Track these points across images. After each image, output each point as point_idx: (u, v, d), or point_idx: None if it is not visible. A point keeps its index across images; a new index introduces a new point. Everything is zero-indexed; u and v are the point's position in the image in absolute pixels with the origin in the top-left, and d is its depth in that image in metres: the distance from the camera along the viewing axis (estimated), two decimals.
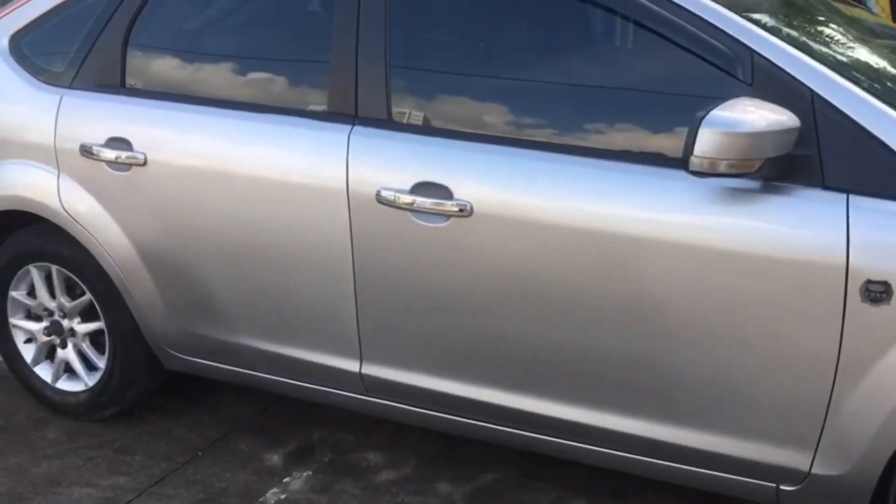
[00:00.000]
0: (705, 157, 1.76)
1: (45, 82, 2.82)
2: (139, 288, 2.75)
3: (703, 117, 1.77)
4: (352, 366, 2.50)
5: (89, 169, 2.71)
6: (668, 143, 2.02)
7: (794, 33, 2.12)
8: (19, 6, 2.97)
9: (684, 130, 1.91)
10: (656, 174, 1.99)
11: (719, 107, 1.79)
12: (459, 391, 2.37)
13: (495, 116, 2.23)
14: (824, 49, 2.13)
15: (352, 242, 2.34)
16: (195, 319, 2.72)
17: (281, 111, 2.47)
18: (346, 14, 2.37)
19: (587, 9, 2.22)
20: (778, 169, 1.85)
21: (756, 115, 1.77)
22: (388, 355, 2.43)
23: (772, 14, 2.21)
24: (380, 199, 2.27)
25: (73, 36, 2.81)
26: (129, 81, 2.71)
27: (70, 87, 2.78)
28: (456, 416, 2.44)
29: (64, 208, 2.77)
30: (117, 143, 2.64)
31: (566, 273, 2.10)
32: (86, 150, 2.69)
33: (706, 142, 1.75)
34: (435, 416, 2.47)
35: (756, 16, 2.06)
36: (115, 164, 2.65)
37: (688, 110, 1.90)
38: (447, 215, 2.20)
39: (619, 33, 2.16)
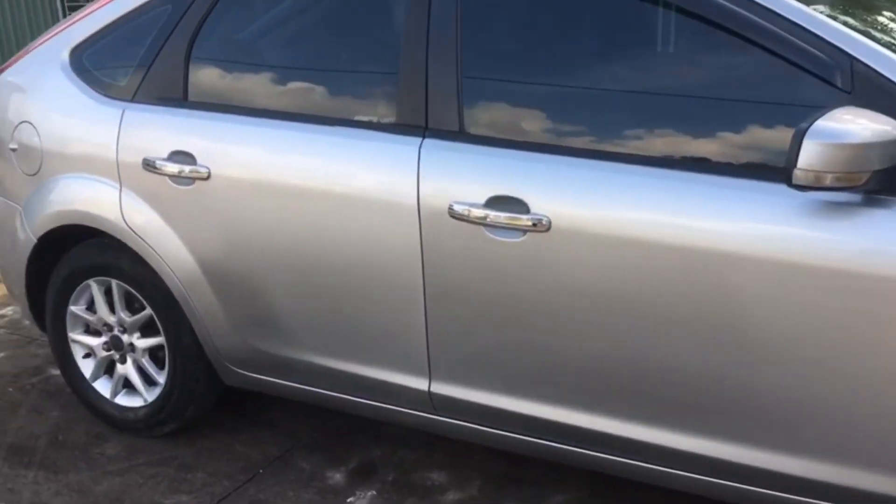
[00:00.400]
0: (810, 171, 1.67)
1: (107, 96, 2.80)
2: (201, 303, 2.71)
3: (805, 129, 1.68)
4: (420, 384, 2.43)
5: (152, 183, 2.67)
6: (761, 154, 1.93)
7: (888, 38, 2.03)
8: (78, 20, 2.95)
9: (778, 141, 1.82)
10: (750, 187, 1.90)
11: (822, 117, 1.70)
12: (533, 411, 2.29)
13: (574, 128, 2.16)
14: None
15: (422, 257, 2.28)
16: (257, 335, 2.67)
17: (348, 124, 2.41)
18: (416, 24, 2.31)
19: (674, 15, 2.14)
20: (880, 181, 1.75)
21: (861, 126, 1.68)
22: (459, 373, 2.37)
23: (859, 17, 2.12)
24: (452, 214, 2.20)
25: (134, 49, 2.78)
26: (192, 94, 2.68)
27: (132, 100, 2.74)
28: (528, 436, 2.36)
29: (126, 223, 2.74)
30: (180, 156, 2.61)
31: (651, 291, 2.01)
32: (148, 164, 2.65)
33: (811, 154, 1.67)
34: (505, 435, 2.40)
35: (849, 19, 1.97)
36: (178, 178, 2.61)
37: (783, 121, 1.82)
38: (523, 230, 2.13)
39: (709, 40, 2.07)
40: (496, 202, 2.16)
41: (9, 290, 3.35)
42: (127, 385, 3.08)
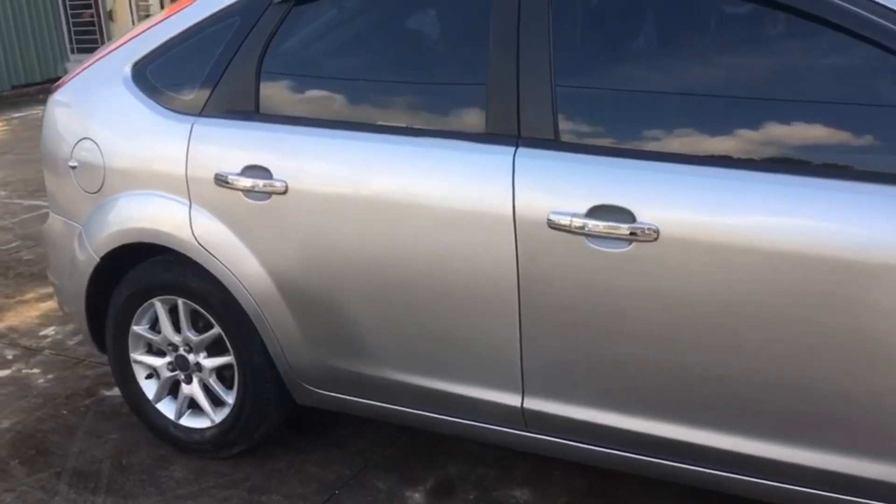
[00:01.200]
0: None
1: (174, 110, 2.73)
2: (276, 320, 2.64)
3: None
4: (512, 400, 2.37)
5: (224, 198, 2.61)
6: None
7: None
8: (138, 35, 2.89)
9: None
10: (883, 192, 1.84)
11: None
12: (633, 425, 2.23)
13: (678, 134, 2.10)
14: None
15: (517, 269, 2.22)
16: (336, 353, 2.61)
17: (434, 134, 2.35)
18: (505, 31, 2.25)
19: (784, 16, 2.07)
20: None
21: None
22: (554, 388, 2.30)
23: None
24: (551, 224, 2.14)
25: (201, 62, 2.72)
26: (265, 107, 2.62)
27: (200, 114, 2.68)
28: (624, 451, 2.29)
29: (196, 240, 2.67)
30: (255, 171, 2.54)
31: (769, 302, 1.95)
32: (221, 179, 2.59)
33: None
34: (600, 451, 2.33)
35: None
36: (252, 193, 2.55)
37: None
38: (629, 240, 2.06)
39: (833, 41, 2.01)
40: (598, 211, 2.09)
41: (64, 310, 3.28)
42: (192, 406, 3.01)
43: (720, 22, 2.16)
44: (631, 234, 2.05)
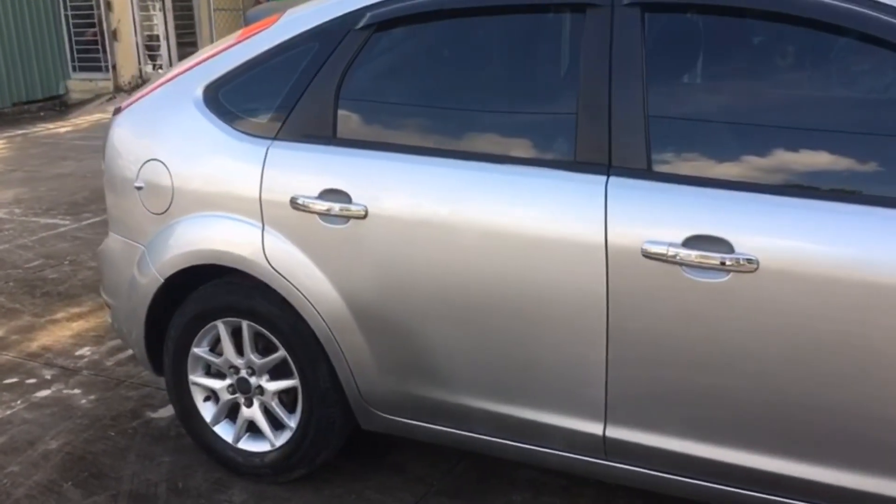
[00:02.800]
0: None
1: (247, 133, 2.74)
2: (348, 345, 2.64)
3: None
4: (594, 428, 2.37)
5: (299, 222, 2.61)
6: None
7: None
8: (210, 57, 2.90)
9: None
10: None
11: None
12: (721, 456, 2.24)
13: (777, 165, 2.12)
14: None
15: (607, 297, 2.23)
16: (410, 378, 2.60)
17: (520, 161, 2.37)
18: (596, 57, 2.27)
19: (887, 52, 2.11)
20: None
21: None
22: (639, 417, 2.31)
23: None
24: (646, 253, 2.16)
25: (276, 86, 2.73)
26: (343, 132, 2.62)
27: (276, 138, 2.69)
28: (707, 481, 2.30)
29: (269, 262, 2.67)
30: (334, 195, 2.55)
31: (870, 336, 1.97)
32: (297, 203, 2.59)
33: None
34: (682, 481, 2.33)
35: None
36: (330, 217, 2.55)
37: None
38: (727, 270, 2.08)
39: None
40: (695, 241, 2.11)
41: (119, 332, 3.27)
42: (250, 429, 2.99)
43: (821, 50, 2.19)
44: (730, 264, 2.07)
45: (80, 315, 4.68)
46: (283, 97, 2.71)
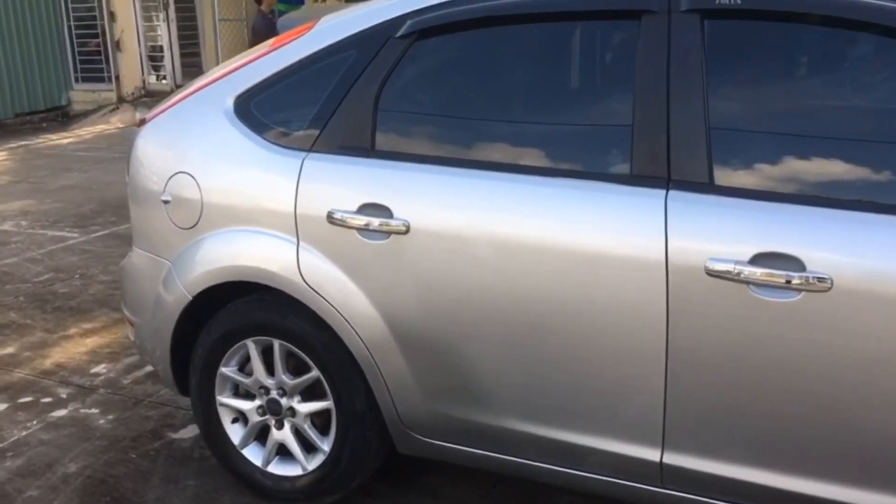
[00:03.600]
0: None
1: (281, 145, 2.64)
2: (387, 366, 2.53)
3: None
4: (650, 454, 2.26)
5: (337, 237, 2.51)
6: None
7: None
8: (240, 66, 2.80)
9: None
10: None
11: None
12: (788, 485, 2.13)
13: (849, 179, 2.02)
14: None
15: (667, 316, 2.13)
16: (453, 401, 2.49)
17: (573, 175, 2.27)
18: (653, 68, 2.18)
19: None
20: None
21: None
22: (699, 443, 2.20)
23: None
24: (710, 271, 2.05)
25: (311, 97, 2.63)
26: (382, 144, 2.52)
27: (311, 150, 2.58)
28: None
29: (304, 279, 2.56)
30: (374, 209, 2.45)
31: None
32: (334, 218, 2.49)
33: None
34: None
35: None
36: (369, 233, 2.45)
37: None
38: (798, 289, 1.98)
39: None
40: (763, 259, 2.01)
41: (142, 350, 3.16)
42: (280, 452, 2.88)
43: (893, 58, 2.09)
44: (801, 283, 1.97)
45: (93, 331, 4.57)
46: (318, 108, 2.61)
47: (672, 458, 2.24)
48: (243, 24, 14.88)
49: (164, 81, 14.08)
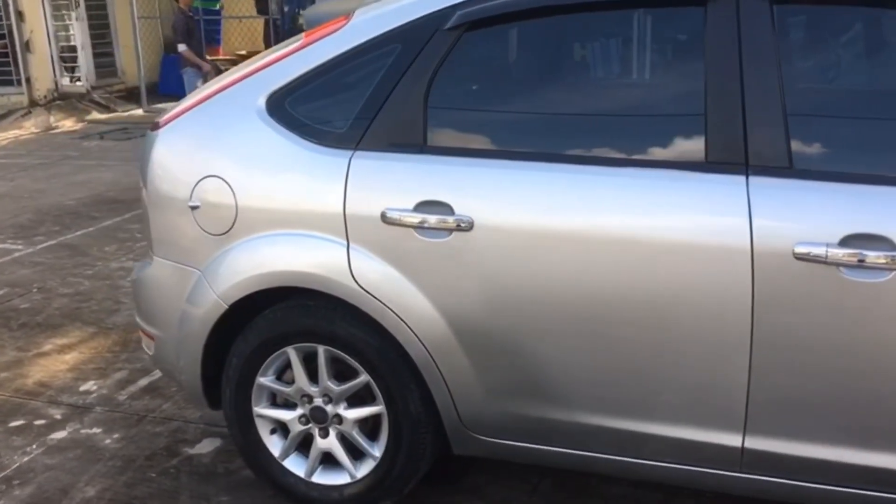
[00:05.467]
0: None
1: (323, 144, 2.54)
2: (449, 367, 2.47)
3: None
4: (731, 440, 2.27)
5: (392, 237, 2.43)
6: None
7: None
8: (270, 63, 2.69)
9: None
10: None
11: None
12: (876, 462, 2.15)
13: None
14: None
15: (753, 303, 2.13)
16: (520, 399, 2.45)
17: (642, 164, 2.26)
18: (723, 51, 2.17)
19: None
20: None
21: None
22: (782, 426, 2.22)
23: None
24: (798, 255, 2.07)
25: (354, 92, 2.55)
26: (434, 140, 2.46)
27: (357, 148, 2.50)
28: (858, 488, 2.22)
29: (357, 282, 2.48)
30: (433, 206, 2.38)
31: None
32: (389, 217, 2.41)
33: None
34: (828, 490, 2.25)
35: None
36: (429, 231, 2.38)
37: None
38: (890, 269, 2.01)
39: None
40: (852, 241, 2.03)
41: (161, 364, 3.01)
42: (323, 461, 2.79)
43: None
44: (892, 262, 1.99)
45: (70, 346, 4.35)
46: (362, 104, 2.52)
47: (754, 443, 2.25)
48: (158, 21, 14.45)
49: (78, 83, 13.55)
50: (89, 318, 4.71)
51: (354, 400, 2.69)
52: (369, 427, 2.71)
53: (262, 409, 2.78)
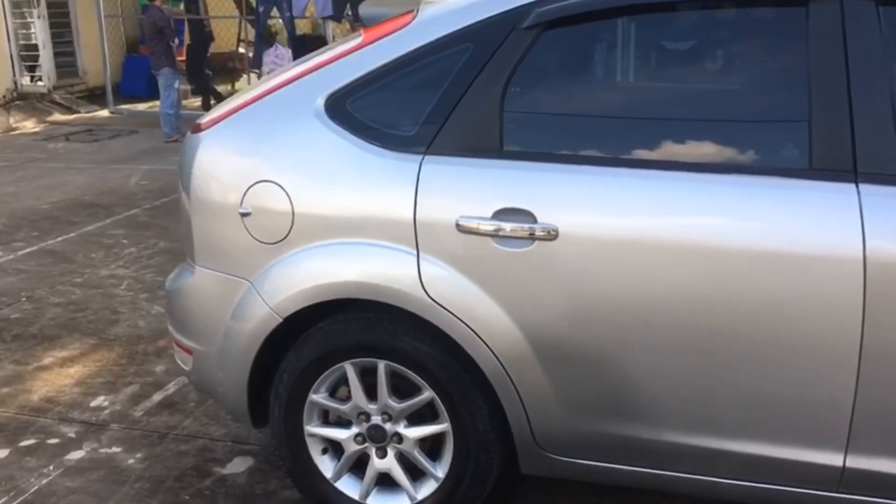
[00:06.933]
0: None
1: (389, 148, 2.40)
2: (526, 383, 2.35)
3: None
4: (833, 459, 2.18)
5: (467, 246, 2.31)
6: None
7: None
8: (327, 63, 2.54)
9: None
10: None
11: None
12: None
13: None
14: None
15: (863, 315, 2.04)
16: (601, 415, 2.34)
17: (736, 170, 2.15)
18: (828, 54, 2.09)
19: None
20: None
21: None
22: (886, 444, 2.13)
23: None
24: None
25: (423, 94, 2.42)
26: (511, 144, 2.34)
27: (427, 152, 2.36)
28: None
29: (427, 293, 2.34)
30: (513, 214, 2.26)
31: None
32: (465, 225, 2.29)
33: None
34: None
35: None
36: (509, 240, 2.26)
37: None
38: None
39: None
40: None
41: (198, 379, 2.83)
42: (379, 482, 2.65)
43: None
44: None
45: (71, 359, 4.13)
46: (432, 106, 2.39)
47: (856, 462, 2.17)
48: (120, 21, 14.13)
49: (39, 83, 13.14)
50: (87, 329, 4.49)
51: (413, 418, 2.55)
52: (428, 446, 2.58)
53: (314, 428, 2.64)
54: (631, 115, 2.33)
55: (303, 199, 2.46)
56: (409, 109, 2.43)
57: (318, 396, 2.60)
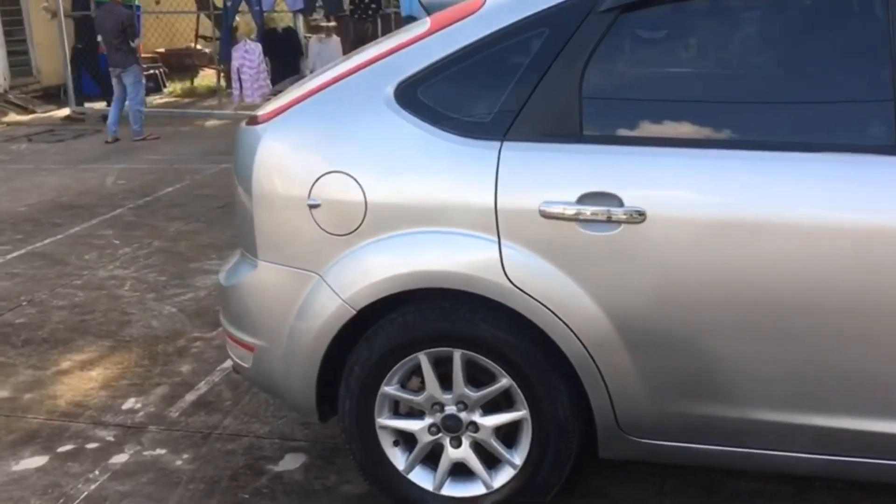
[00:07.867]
0: None
1: (466, 135, 2.39)
2: (610, 367, 2.36)
3: None
4: None
5: (551, 232, 2.30)
6: None
7: None
8: (396, 50, 2.52)
9: None
10: None
11: None
12: None
13: None
14: None
15: None
16: (685, 397, 2.35)
17: (823, 149, 2.18)
18: None
19: None
20: None
21: None
22: None
23: None
24: None
25: (498, 80, 2.40)
26: (591, 128, 2.33)
27: (505, 139, 2.35)
28: None
29: (510, 280, 2.34)
30: (599, 198, 2.26)
31: None
32: (549, 211, 2.28)
33: None
34: None
35: None
36: (595, 224, 2.26)
37: None
38: None
39: None
40: None
41: (258, 377, 2.78)
42: (452, 472, 2.63)
43: None
44: None
45: (91, 362, 4.04)
46: (508, 92, 2.38)
47: None
48: (69, 18, 13.75)
49: None
50: (100, 332, 4.39)
51: (487, 406, 2.54)
52: (502, 434, 2.57)
53: (386, 420, 2.61)
54: (713, 96, 2.34)
55: (375, 188, 2.43)
56: (484, 96, 2.42)
57: (391, 388, 2.57)
